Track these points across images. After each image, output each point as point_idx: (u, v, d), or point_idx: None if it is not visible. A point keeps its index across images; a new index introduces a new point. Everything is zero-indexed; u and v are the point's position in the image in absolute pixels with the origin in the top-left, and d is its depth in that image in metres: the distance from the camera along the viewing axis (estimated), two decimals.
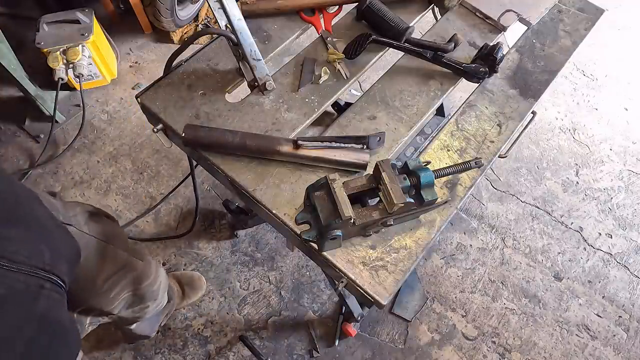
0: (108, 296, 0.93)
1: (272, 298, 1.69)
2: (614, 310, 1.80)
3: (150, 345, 1.57)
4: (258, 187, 0.87)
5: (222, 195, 1.85)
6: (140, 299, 1.04)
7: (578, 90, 2.39)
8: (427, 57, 1.04)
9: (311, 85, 1.02)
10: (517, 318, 1.74)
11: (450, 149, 0.98)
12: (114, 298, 0.94)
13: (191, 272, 1.66)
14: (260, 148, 0.87)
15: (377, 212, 0.78)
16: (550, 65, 1.12)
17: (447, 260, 1.83)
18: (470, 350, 1.67)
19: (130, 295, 0.99)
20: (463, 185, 0.92)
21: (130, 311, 1.04)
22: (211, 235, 1.78)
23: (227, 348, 1.59)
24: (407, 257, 0.83)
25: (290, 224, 0.84)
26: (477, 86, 1.07)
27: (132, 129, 1.99)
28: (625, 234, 1.97)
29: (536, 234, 1.93)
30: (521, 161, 2.11)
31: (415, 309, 1.71)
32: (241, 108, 0.97)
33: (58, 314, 0.57)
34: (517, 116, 1.04)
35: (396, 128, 0.98)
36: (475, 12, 1.19)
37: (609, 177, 2.12)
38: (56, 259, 0.60)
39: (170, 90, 0.97)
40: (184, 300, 1.59)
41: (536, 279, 1.83)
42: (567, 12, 1.23)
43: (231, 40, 0.93)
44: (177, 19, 2.11)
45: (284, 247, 1.78)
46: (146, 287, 1.04)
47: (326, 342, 1.62)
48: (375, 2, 1.08)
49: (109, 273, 0.91)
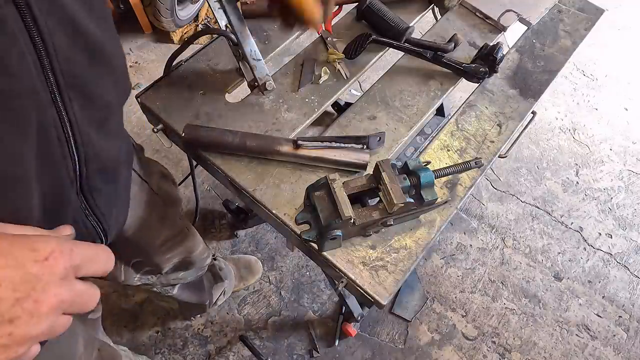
0: (164, 256, 0.99)
1: (272, 298, 1.69)
2: (614, 310, 1.80)
3: (150, 345, 1.57)
4: (258, 187, 0.87)
5: (222, 195, 1.85)
6: (187, 265, 1.11)
7: (578, 90, 2.39)
8: (427, 57, 1.04)
9: (311, 85, 1.02)
10: (517, 318, 1.74)
11: (450, 149, 0.98)
12: (168, 259, 1.01)
13: (248, 257, 1.72)
14: (260, 148, 0.87)
15: (377, 212, 0.78)
16: (550, 65, 1.12)
17: (447, 260, 1.83)
18: (470, 350, 1.67)
19: (180, 260, 1.06)
20: (463, 185, 0.92)
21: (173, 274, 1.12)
22: (211, 235, 1.78)
23: (227, 348, 1.59)
24: (407, 257, 0.83)
25: (290, 224, 0.84)
26: (477, 86, 1.07)
27: (132, 129, 1.99)
28: (625, 234, 1.97)
29: (536, 234, 1.93)
30: (521, 161, 2.12)
31: (415, 309, 1.71)
32: (241, 108, 0.97)
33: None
34: (517, 116, 1.03)
35: (396, 128, 0.98)
36: (475, 12, 1.19)
37: (609, 177, 2.12)
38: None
39: (170, 90, 0.97)
40: (241, 283, 1.66)
41: (536, 279, 1.83)
42: (567, 12, 1.23)
43: (231, 40, 0.93)
44: (177, 19, 2.11)
45: (284, 247, 1.78)
46: (195, 256, 1.10)
47: (326, 342, 1.62)
48: (375, 2, 1.08)
49: (168, 236, 0.97)
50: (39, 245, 0.36)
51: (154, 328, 1.60)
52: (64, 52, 0.42)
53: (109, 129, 0.57)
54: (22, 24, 0.37)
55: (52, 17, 0.40)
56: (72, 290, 0.37)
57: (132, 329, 1.59)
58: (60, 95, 0.44)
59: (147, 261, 0.98)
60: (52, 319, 0.36)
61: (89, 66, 0.47)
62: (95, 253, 0.41)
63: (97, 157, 0.54)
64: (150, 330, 1.59)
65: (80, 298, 0.38)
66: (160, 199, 0.92)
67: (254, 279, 1.69)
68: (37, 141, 0.43)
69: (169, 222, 0.97)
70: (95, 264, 0.40)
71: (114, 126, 0.60)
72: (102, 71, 0.51)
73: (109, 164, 0.59)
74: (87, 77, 0.48)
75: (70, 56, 0.44)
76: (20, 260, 0.34)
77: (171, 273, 1.09)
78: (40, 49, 0.40)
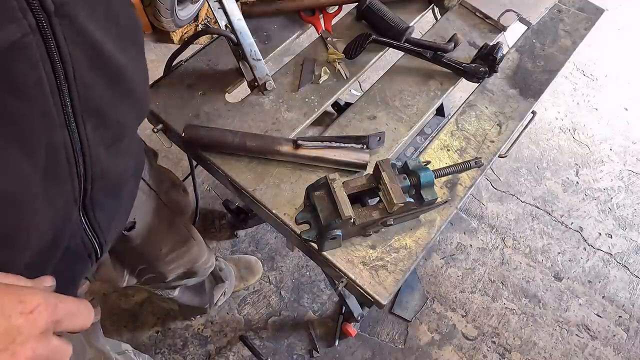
0: (169, 267, 0.99)
1: (272, 298, 1.69)
2: (614, 310, 1.80)
3: (150, 345, 1.57)
4: (258, 187, 0.87)
5: (222, 195, 1.85)
6: (190, 275, 1.11)
7: (578, 90, 2.39)
8: (427, 57, 1.04)
9: (311, 85, 1.02)
10: (517, 318, 1.74)
11: (450, 148, 0.98)
12: (172, 270, 1.01)
13: (248, 257, 1.72)
14: (260, 148, 0.87)
15: (377, 212, 0.78)
16: (550, 65, 1.12)
17: (447, 260, 1.83)
18: (470, 350, 1.67)
19: (184, 271, 1.06)
20: (463, 185, 0.92)
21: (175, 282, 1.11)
22: (211, 235, 1.78)
23: (227, 348, 1.59)
24: (407, 257, 0.83)
25: (290, 224, 0.84)
26: (477, 86, 1.07)
27: None
28: (625, 234, 1.97)
29: (536, 234, 1.93)
30: (521, 161, 2.11)
31: (415, 309, 1.71)
32: (241, 108, 0.97)
33: None
34: (517, 116, 1.04)
35: (396, 128, 0.98)
36: (475, 12, 1.19)
37: (609, 177, 2.12)
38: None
39: (170, 90, 0.97)
40: (241, 283, 1.66)
41: (536, 279, 1.83)
42: (567, 12, 1.23)
43: (231, 40, 0.93)
44: (177, 19, 2.11)
45: (283, 247, 1.78)
46: (200, 266, 1.10)
47: (326, 342, 1.62)
48: (375, 2, 1.08)
49: (173, 246, 0.97)
50: (27, 298, 0.36)
51: (154, 328, 1.60)
52: (83, 78, 0.43)
53: (120, 147, 0.57)
54: (45, 51, 0.38)
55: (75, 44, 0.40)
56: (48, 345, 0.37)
57: (132, 329, 1.59)
58: (74, 117, 0.44)
59: (151, 269, 0.98)
60: None
61: (107, 90, 0.48)
62: (78, 309, 0.40)
63: (105, 175, 0.54)
64: (150, 330, 1.59)
65: (54, 354, 0.38)
66: (168, 209, 0.92)
67: (254, 279, 1.69)
68: (46, 162, 0.43)
69: (175, 231, 0.97)
70: (75, 320, 0.40)
71: (126, 145, 0.60)
72: (119, 94, 0.51)
73: (115, 181, 0.59)
74: (104, 100, 0.48)
75: (89, 81, 0.44)
76: (7, 311, 0.34)
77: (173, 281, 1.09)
78: (60, 75, 0.40)
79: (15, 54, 0.36)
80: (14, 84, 0.37)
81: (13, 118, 0.38)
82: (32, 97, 0.39)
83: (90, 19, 0.42)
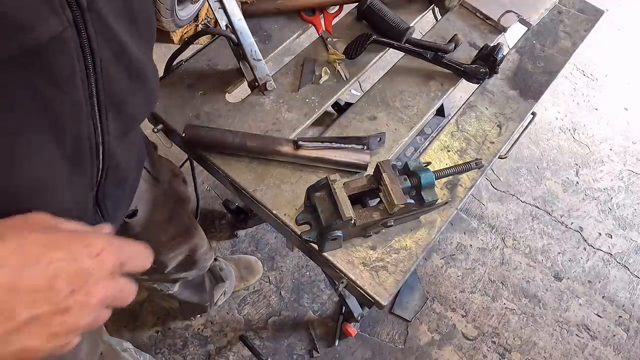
0: (169, 255, 1.00)
1: (272, 298, 1.69)
2: (614, 310, 1.80)
3: (150, 345, 1.57)
4: (258, 188, 0.87)
5: (222, 195, 1.85)
6: (190, 264, 1.11)
7: (578, 91, 2.39)
8: (427, 57, 1.04)
9: (311, 85, 1.02)
10: (517, 318, 1.75)
11: (451, 149, 0.98)
12: (173, 257, 1.01)
13: (248, 257, 1.72)
14: (260, 148, 0.87)
15: (378, 213, 0.78)
16: (550, 66, 1.12)
17: (447, 260, 1.83)
18: (470, 350, 1.67)
19: (184, 258, 1.06)
20: (463, 186, 0.92)
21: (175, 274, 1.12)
22: (211, 235, 1.78)
23: (227, 348, 1.59)
24: (408, 257, 0.83)
25: (291, 225, 0.84)
26: (477, 87, 1.07)
27: None
28: (625, 234, 1.97)
29: (536, 234, 1.93)
30: (521, 161, 2.12)
31: (415, 309, 1.72)
32: (241, 108, 0.97)
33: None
34: (517, 117, 1.04)
35: (396, 128, 0.98)
36: (476, 13, 1.19)
37: (609, 177, 2.12)
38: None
39: (170, 90, 0.97)
40: (241, 283, 1.66)
41: (536, 279, 1.83)
42: (567, 13, 1.23)
43: (231, 40, 0.93)
44: (177, 19, 2.10)
45: (284, 247, 1.78)
46: (200, 255, 1.11)
47: (326, 342, 1.62)
48: (376, 3, 1.08)
49: (175, 233, 0.98)
50: (92, 242, 0.38)
51: (154, 328, 1.60)
52: (108, 70, 0.45)
53: (130, 138, 0.60)
54: (78, 44, 0.40)
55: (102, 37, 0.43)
56: (117, 285, 0.40)
57: (132, 329, 1.59)
58: (98, 108, 0.47)
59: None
60: (98, 312, 0.39)
61: (128, 84, 0.51)
62: (138, 251, 0.44)
63: (117, 165, 0.56)
64: (150, 330, 1.59)
65: (122, 293, 0.41)
66: (170, 197, 0.93)
67: (254, 279, 1.69)
68: (72, 151, 0.46)
69: (176, 220, 0.98)
70: (137, 261, 0.43)
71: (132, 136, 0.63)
72: (137, 88, 0.54)
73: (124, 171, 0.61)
74: (124, 93, 0.51)
75: (113, 75, 0.47)
76: (76, 254, 0.37)
77: (173, 273, 1.10)
78: (90, 66, 0.43)
79: (57, 47, 0.38)
80: (53, 75, 0.39)
81: (50, 107, 0.41)
82: (66, 88, 0.41)
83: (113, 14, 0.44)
